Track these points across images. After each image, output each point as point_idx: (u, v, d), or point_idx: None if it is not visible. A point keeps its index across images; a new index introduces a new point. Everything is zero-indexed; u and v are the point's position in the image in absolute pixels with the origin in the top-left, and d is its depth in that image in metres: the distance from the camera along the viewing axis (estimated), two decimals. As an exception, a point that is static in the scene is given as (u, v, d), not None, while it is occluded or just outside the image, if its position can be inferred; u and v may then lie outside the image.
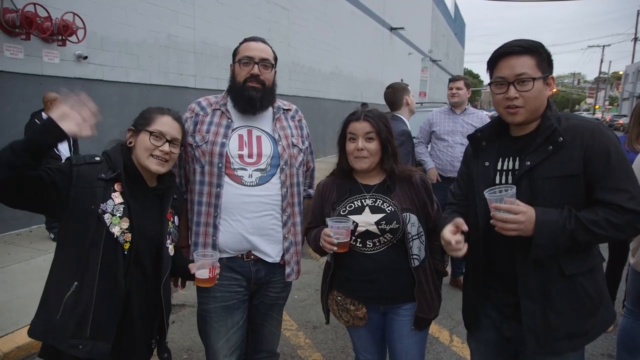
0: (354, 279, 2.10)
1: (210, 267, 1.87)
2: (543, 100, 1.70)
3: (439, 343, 3.67)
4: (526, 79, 1.65)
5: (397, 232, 2.02)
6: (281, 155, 2.19)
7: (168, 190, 1.94)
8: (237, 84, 2.17)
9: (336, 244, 1.93)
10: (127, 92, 7.58)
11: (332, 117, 15.32)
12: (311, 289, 4.73)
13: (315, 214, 2.23)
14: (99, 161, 1.75)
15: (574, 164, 1.62)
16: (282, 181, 2.18)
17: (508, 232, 1.62)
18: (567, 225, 1.57)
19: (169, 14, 8.35)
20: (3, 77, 5.76)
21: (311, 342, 3.67)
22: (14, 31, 5.74)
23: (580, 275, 1.69)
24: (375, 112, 2.10)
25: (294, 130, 2.31)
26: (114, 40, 7.30)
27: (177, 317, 4.04)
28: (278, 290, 2.32)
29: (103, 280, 1.68)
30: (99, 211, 1.67)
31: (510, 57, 1.69)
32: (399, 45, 23.86)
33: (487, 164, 1.83)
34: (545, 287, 1.69)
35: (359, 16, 17.96)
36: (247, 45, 2.20)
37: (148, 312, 1.86)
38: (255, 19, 10.98)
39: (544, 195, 1.66)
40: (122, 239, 1.71)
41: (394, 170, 2.08)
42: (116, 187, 1.74)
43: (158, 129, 1.82)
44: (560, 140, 1.63)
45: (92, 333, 1.67)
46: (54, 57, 6.35)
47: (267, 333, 2.40)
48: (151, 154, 1.80)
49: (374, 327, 2.19)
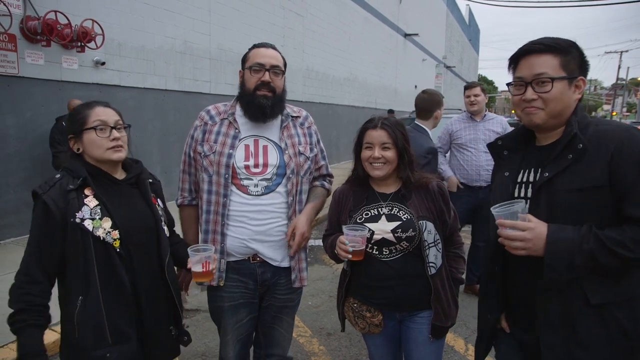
0: (371, 285, 2.09)
1: (204, 261, 1.86)
2: (568, 104, 1.53)
3: (454, 352, 3.62)
4: (545, 79, 1.50)
5: (413, 240, 2.01)
6: (287, 164, 2.19)
7: (139, 176, 1.91)
8: (247, 91, 2.18)
9: (351, 252, 1.93)
10: (143, 97, 7.67)
11: (346, 123, 15.34)
12: (325, 295, 4.71)
13: (332, 222, 2.23)
14: (61, 177, 1.72)
15: (598, 174, 1.42)
16: (288, 190, 2.19)
17: (516, 250, 1.48)
18: (584, 245, 1.38)
19: (186, 20, 8.45)
20: (24, 82, 5.87)
21: (325, 349, 3.66)
22: (35, 38, 5.85)
23: (613, 306, 1.45)
24: (392, 119, 2.09)
25: (302, 138, 2.30)
26: (131, 47, 7.40)
27: (191, 322, 4.05)
28: (286, 293, 2.31)
29: (106, 284, 1.69)
30: (77, 220, 1.66)
31: (530, 56, 1.55)
32: (413, 52, 23.82)
33: (507, 174, 1.71)
34: (568, 317, 1.48)
35: (373, 22, 17.98)
36: (258, 51, 2.20)
37: (158, 299, 1.86)
38: (270, 26, 11.06)
39: (564, 211, 1.47)
40: (110, 238, 1.69)
41: (410, 178, 2.06)
42: (87, 192, 1.72)
43: (98, 119, 1.75)
44: (580, 147, 1.45)
45: (114, 338, 1.68)
46: (73, 63, 6.46)
47: (278, 336, 2.39)
48: (107, 148, 1.75)
49: (389, 335, 2.18)
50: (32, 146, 6.04)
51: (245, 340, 2.34)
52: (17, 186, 5.91)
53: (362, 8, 16.85)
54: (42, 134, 6.02)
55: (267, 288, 2.28)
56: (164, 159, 8.16)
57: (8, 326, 1.64)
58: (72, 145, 1.81)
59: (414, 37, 23.00)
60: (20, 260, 1.68)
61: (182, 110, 8.31)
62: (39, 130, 6.06)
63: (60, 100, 6.23)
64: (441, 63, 26.51)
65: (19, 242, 5.82)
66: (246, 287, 2.23)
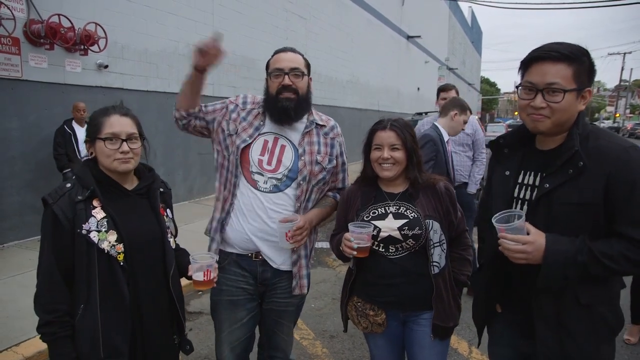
0: (375, 282, 2.09)
1: (205, 270, 1.85)
2: (572, 114, 1.57)
3: (458, 354, 3.61)
4: (557, 89, 1.51)
5: (419, 239, 2.02)
6: (301, 170, 2.19)
7: (151, 186, 1.90)
8: (271, 96, 2.21)
9: (356, 249, 1.95)
10: (146, 100, 7.69)
11: (348, 125, 15.32)
12: (328, 297, 4.71)
13: (340, 221, 2.23)
14: (71, 187, 1.74)
15: (594, 192, 1.51)
16: (297, 196, 2.20)
17: (516, 260, 1.57)
18: (578, 257, 1.49)
19: (188, 23, 8.47)
20: (28, 86, 5.89)
21: (328, 352, 3.65)
22: (38, 41, 5.87)
23: (599, 305, 1.61)
24: (401, 121, 2.11)
25: (323, 147, 2.29)
26: (134, 50, 7.42)
27: (194, 324, 4.05)
28: (286, 297, 2.31)
29: (106, 297, 1.69)
30: (83, 232, 1.67)
31: (544, 63, 1.54)
32: (416, 54, 23.82)
33: (508, 174, 1.76)
34: (560, 314, 1.61)
35: (376, 25, 17.99)
36: (277, 57, 2.24)
37: (161, 310, 1.86)
38: (273, 28, 11.07)
39: (560, 221, 1.57)
40: (114, 252, 1.70)
41: (417, 179, 2.08)
42: (95, 204, 1.73)
43: (109, 132, 1.75)
44: (581, 165, 1.52)
45: (106, 352, 1.69)
46: (76, 66, 6.48)
47: (279, 341, 2.40)
48: (115, 159, 1.76)
49: (392, 336, 2.17)
50: (35, 149, 6.07)
51: (244, 344, 2.32)
52: (20, 189, 5.93)
53: (365, 10, 16.86)
54: (45, 137, 6.04)
55: (267, 288, 2.28)
56: (167, 161, 8.18)
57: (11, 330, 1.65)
58: (88, 149, 1.84)
59: (416, 39, 22.99)
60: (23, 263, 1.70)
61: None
62: (42, 133, 6.08)
63: (63, 103, 6.25)
64: (444, 65, 26.51)
65: (22, 245, 5.83)
66: (247, 282, 2.24)
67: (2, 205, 5.75)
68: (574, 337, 1.60)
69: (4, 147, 5.72)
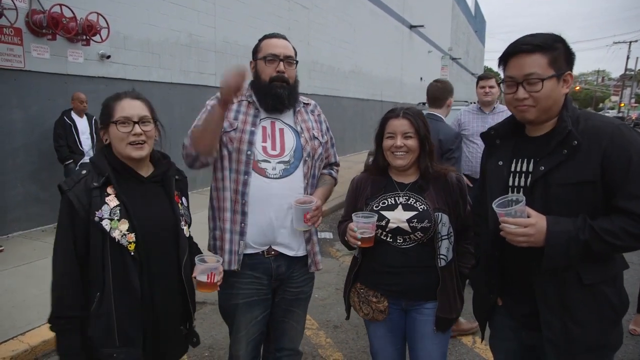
0: (381, 270, 2.10)
1: (209, 272, 1.83)
2: (557, 99, 1.60)
3: (461, 345, 3.62)
4: (535, 79, 1.56)
5: (428, 231, 2.01)
6: (304, 147, 2.20)
7: (166, 173, 1.90)
8: (263, 82, 2.17)
9: (360, 239, 1.96)
10: (149, 90, 7.66)
11: (351, 116, 15.29)
12: (331, 288, 4.72)
13: (349, 209, 2.23)
14: (87, 173, 1.74)
15: (591, 170, 1.52)
16: (305, 173, 2.20)
17: (518, 244, 1.57)
18: (580, 236, 1.50)
19: (191, 13, 8.42)
20: (30, 76, 5.89)
21: (332, 342, 3.66)
22: (40, 32, 5.86)
23: (602, 284, 1.61)
24: (413, 109, 2.11)
25: (314, 124, 2.31)
26: (137, 40, 7.39)
27: (198, 314, 4.06)
28: (299, 285, 2.31)
29: (118, 287, 1.69)
30: (96, 219, 1.66)
31: (520, 56, 1.59)
32: (419, 44, 23.67)
33: (501, 163, 1.77)
34: (564, 296, 1.61)
35: (379, 14, 17.86)
36: (270, 42, 2.20)
37: (172, 299, 1.86)
38: (276, 18, 11.01)
39: (558, 203, 1.57)
40: (125, 241, 1.69)
41: (428, 169, 2.07)
42: (109, 191, 1.71)
43: (121, 115, 1.75)
44: (575, 143, 1.54)
45: (121, 341, 1.69)
46: (78, 57, 6.46)
47: (289, 329, 2.38)
48: (128, 143, 1.75)
49: (393, 324, 2.17)
50: (38, 140, 6.07)
51: (258, 338, 2.32)
52: (24, 180, 5.94)
53: (368, 0, 16.74)
54: (48, 128, 6.04)
55: (281, 282, 2.27)
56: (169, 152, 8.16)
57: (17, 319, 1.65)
58: (102, 136, 1.82)
59: (419, 29, 22.83)
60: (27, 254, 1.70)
61: (187, 103, 8.30)
62: (45, 124, 6.08)
63: (66, 94, 6.24)
64: (447, 55, 26.30)
65: (26, 235, 5.86)
66: (260, 284, 2.22)
67: (6, 197, 5.78)
68: (578, 320, 1.60)
69: (7, 139, 5.73)
